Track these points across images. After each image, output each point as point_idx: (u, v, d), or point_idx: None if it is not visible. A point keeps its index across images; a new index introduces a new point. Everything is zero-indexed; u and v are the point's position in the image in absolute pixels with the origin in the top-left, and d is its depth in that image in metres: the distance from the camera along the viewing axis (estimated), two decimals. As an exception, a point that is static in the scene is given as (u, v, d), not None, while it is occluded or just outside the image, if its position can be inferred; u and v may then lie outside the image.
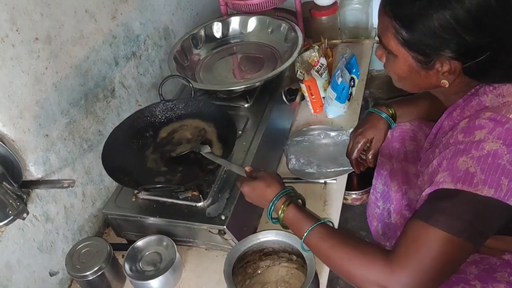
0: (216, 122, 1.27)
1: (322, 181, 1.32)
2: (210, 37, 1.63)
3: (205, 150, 1.14)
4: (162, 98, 1.30)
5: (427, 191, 0.81)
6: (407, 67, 0.87)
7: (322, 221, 0.93)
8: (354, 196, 1.73)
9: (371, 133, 1.15)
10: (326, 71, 1.54)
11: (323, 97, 1.54)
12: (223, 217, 1.11)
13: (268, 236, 1.08)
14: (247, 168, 1.07)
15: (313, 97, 1.53)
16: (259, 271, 1.15)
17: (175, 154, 1.21)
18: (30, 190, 1.09)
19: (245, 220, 1.18)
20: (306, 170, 1.35)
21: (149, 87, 1.53)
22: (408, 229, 0.79)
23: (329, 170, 1.33)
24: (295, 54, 1.42)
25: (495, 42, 0.78)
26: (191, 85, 1.29)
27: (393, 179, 1.19)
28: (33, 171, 1.10)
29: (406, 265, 0.76)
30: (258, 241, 1.08)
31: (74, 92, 1.20)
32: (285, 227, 1.01)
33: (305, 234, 0.92)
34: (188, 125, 1.29)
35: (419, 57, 0.83)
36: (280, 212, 0.97)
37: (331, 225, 0.94)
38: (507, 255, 0.95)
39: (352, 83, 1.53)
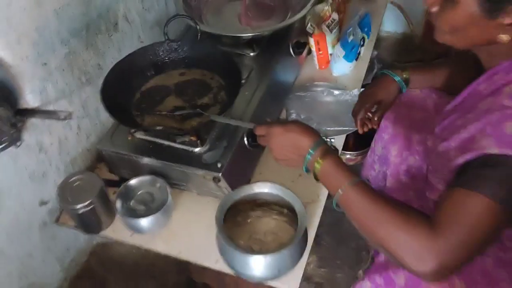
0: (221, 70, 1.24)
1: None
2: (221, -22, 1.56)
3: (214, 115, 1.10)
4: (167, 38, 1.25)
5: (467, 157, 0.78)
6: (467, 16, 0.80)
7: (362, 179, 0.88)
8: (348, 156, 1.73)
9: (380, 95, 1.12)
10: (337, 27, 1.49)
11: (331, 54, 1.50)
12: (219, 165, 1.10)
13: (263, 188, 1.08)
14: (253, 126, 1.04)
15: (320, 52, 1.49)
16: (249, 220, 1.15)
17: (178, 113, 1.18)
18: (25, 119, 1.06)
19: (240, 170, 1.18)
20: (305, 126, 1.33)
21: (152, 24, 1.48)
22: (450, 197, 0.77)
23: (329, 128, 1.32)
24: (308, 6, 1.37)
25: None
26: (198, 27, 1.24)
27: (394, 143, 1.18)
28: (29, 100, 1.07)
29: (449, 233, 0.74)
30: (252, 191, 1.08)
31: (75, 21, 1.15)
32: (318, 179, 0.93)
33: (343, 188, 0.85)
34: (192, 73, 1.26)
35: (486, 3, 0.77)
36: (316, 163, 0.91)
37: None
38: None
39: (362, 43, 1.49)
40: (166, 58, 1.27)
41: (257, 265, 0.98)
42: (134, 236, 1.17)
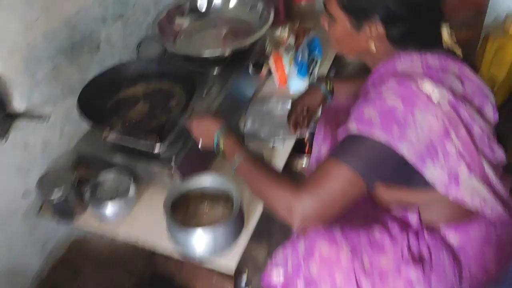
0: (182, 82, 1.45)
1: (272, 145, 1.50)
2: (194, 9, 1.80)
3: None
4: (138, 55, 1.47)
5: (340, 136, 0.98)
6: (343, 30, 1.02)
7: (252, 153, 1.12)
8: (305, 159, 1.88)
9: (307, 102, 1.32)
10: (293, 50, 1.71)
11: (287, 73, 1.71)
12: (172, 162, 1.30)
13: (206, 179, 1.27)
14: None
15: (278, 71, 1.70)
16: (198, 211, 1.30)
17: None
18: (12, 121, 1.28)
19: (193, 167, 1.36)
20: (258, 134, 1.53)
21: (134, 48, 1.71)
22: (322, 164, 0.96)
23: (278, 135, 1.51)
24: (263, 30, 1.58)
25: (413, 15, 0.94)
26: (165, 47, 1.47)
27: (325, 144, 1.36)
28: (17, 105, 1.29)
29: (312, 192, 0.93)
30: (198, 182, 1.27)
31: (61, 42, 1.39)
32: (224, 157, 1.18)
33: (237, 160, 1.09)
34: (159, 84, 1.47)
35: (353, 20, 0.99)
36: (221, 141, 1.15)
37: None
38: (397, 211, 1.12)
39: (315, 63, 1.69)
40: (138, 74, 1.48)
41: (195, 239, 1.15)
42: (101, 225, 1.36)
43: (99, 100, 1.41)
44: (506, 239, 1.09)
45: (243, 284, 1.50)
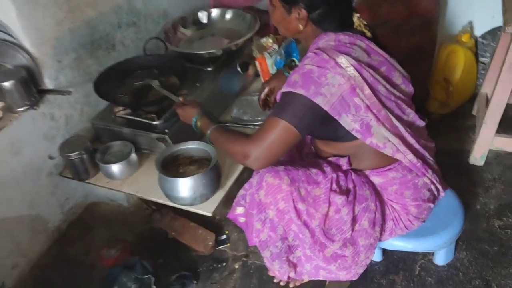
0: (178, 73, 1.79)
1: (252, 126, 1.81)
2: (196, 21, 2.17)
3: (155, 83, 1.67)
4: (144, 52, 1.84)
5: (277, 98, 1.30)
6: (280, 14, 1.32)
7: (220, 125, 1.44)
8: None
9: (273, 83, 1.64)
10: (276, 54, 2.04)
11: (272, 73, 2.03)
12: (166, 130, 1.63)
13: (191, 144, 1.58)
14: (181, 98, 1.58)
15: (263, 71, 2.03)
16: (186, 171, 1.62)
17: (138, 84, 1.75)
18: (42, 95, 1.64)
19: (183, 136, 1.67)
20: (242, 117, 1.85)
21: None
22: (266, 121, 1.26)
23: (257, 118, 1.82)
24: (249, 34, 1.93)
25: (327, 2, 1.25)
26: (166, 44, 1.82)
27: None
28: (47, 83, 1.65)
29: (259, 141, 1.23)
30: (184, 146, 1.58)
31: (83, 38, 1.76)
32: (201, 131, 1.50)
33: (209, 129, 1.42)
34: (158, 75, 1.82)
35: (286, 6, 1.29)
36: (198, 121, 1.47)
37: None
38: (332, 158, 1.41)
39: (293, 64, 2.01)
40: (144, 65, 1.84)
41: (179, 186, 1.46)
42: (109, 182, 1.68)
43: (111, 84, 1.76)
44: (420, 183, 1.36)
45: (223, 237, 1.79)
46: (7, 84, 1.53)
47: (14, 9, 1.48)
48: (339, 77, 1.20)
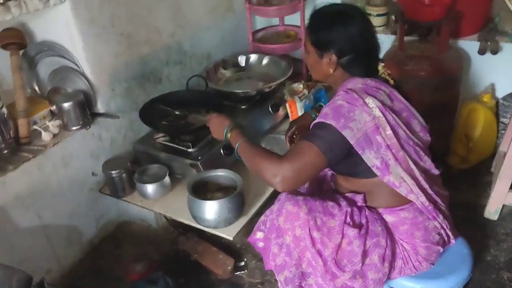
0: (214, 108, 1.98)
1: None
2: (235, 64, 2.39)
3: (194, 114, 1.89)
4: (187, 88, 2.04)
5: (311, 125, 1.42)
6: (313, 58, 1.48)
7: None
8: None
9: (300, 122, 1.79)
10: (306, 99, 2.21)
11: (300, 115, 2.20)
12: (199, 157, 1.80)
13: (219, 171, 1.73)
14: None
15: (293, 113, 2.20)
16: (214, 197, 1.76)
17: (178, 114, 1.95)
18: (94, 118, 1.84)
19: (214, 164, 1.83)
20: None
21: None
22: (297, 144, 1.38)
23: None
24: (282, 79, 2.12)
25: (355, 51, 1.41)
26: (206, 81, 2.03)
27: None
28: (99, 108, 1.86)
29: (290, 163, 1.33)
30: (213, 173, 1.74)
31: (135, 71, 1.98)
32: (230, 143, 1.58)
33: (238, 143, 1.50)
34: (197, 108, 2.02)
35: (318, 51, 1.45)
36: (229, 132, 1.57)
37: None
38: (349, 194, 1.52)
39: (321, 107, 2.17)
40: (185, 99, 2.04)
41: (206, 208, 1.60)
42: (143, 201, 1.84)
43: (154, 113, 1.96)
44: (431, 226, 1.46)
45: (241, 264, 1.90)
46: (66, 105, 1.75)
47: (81, 42, 1.72)
48: (366, 115, 1.34)
